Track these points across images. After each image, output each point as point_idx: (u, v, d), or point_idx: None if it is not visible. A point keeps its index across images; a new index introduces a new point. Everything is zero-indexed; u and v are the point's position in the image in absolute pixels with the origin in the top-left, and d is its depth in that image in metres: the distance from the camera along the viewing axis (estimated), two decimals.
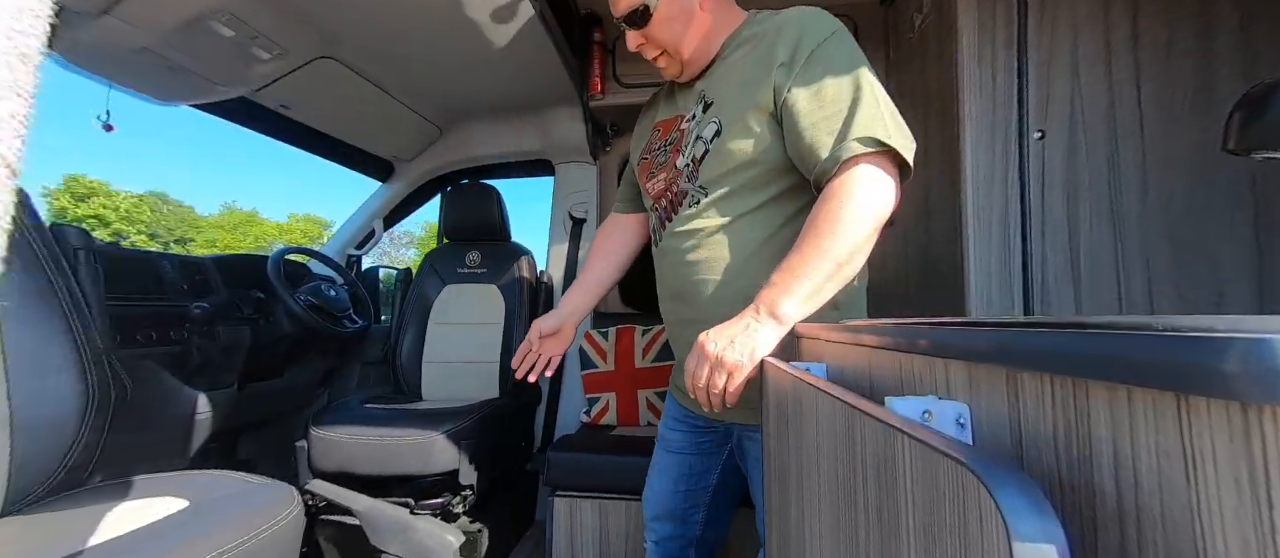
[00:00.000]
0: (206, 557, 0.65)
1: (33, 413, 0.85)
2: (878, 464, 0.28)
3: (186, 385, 1.32)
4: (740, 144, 0.72)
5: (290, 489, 0.84)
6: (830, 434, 0.36)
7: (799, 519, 0.47)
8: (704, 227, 0.76)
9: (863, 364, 0.45)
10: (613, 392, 1.79)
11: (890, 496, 0.26)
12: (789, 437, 0.49)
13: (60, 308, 0.91)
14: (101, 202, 38.44)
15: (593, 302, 1.02)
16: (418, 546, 1.28)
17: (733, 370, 0.62)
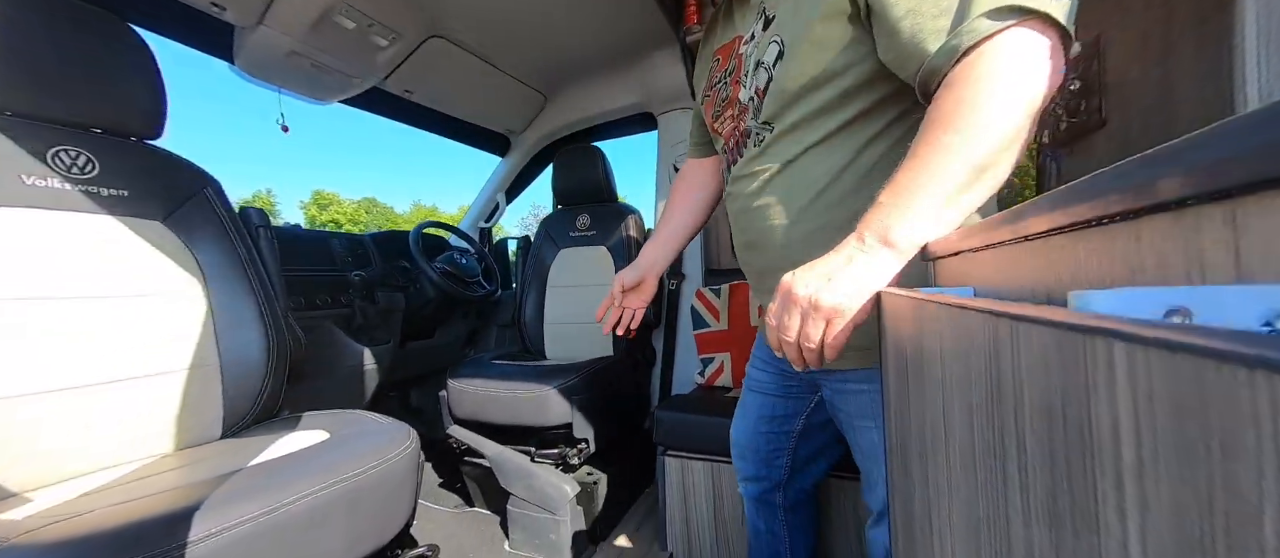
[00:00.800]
0: (337, 479, 0.72)
1: (233, 359, 1.05)
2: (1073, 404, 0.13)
3: (354, 342, 1.56)
4: (809, 64, 0.58)
5: (408, 428, 0.92)
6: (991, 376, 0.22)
7: (935, 499, 0.32)
8: (768, 168, 0.65)
9: (1039, 269, 0.27)
10: (727, 352, 1.67)
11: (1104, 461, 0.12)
12: (923, 389, 0.34)
13: (246, 275, 1.11)
14: (336, 208, 50.71)
15: (672, 254, 0.97)
16: (538, 491, 1.35)
17: (832, 315, 0.47)
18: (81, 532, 0.54)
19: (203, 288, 1.04)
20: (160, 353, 0.95)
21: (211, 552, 0.57)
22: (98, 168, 0.94)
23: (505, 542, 1.41)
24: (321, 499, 0.70)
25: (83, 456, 0.84)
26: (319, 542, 0.69)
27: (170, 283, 1.00)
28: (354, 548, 0.75)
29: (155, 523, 0.56)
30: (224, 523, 0.59)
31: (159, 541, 0.54)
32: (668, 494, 1.37)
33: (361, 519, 0.76)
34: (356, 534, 0.75)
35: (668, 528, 1.37)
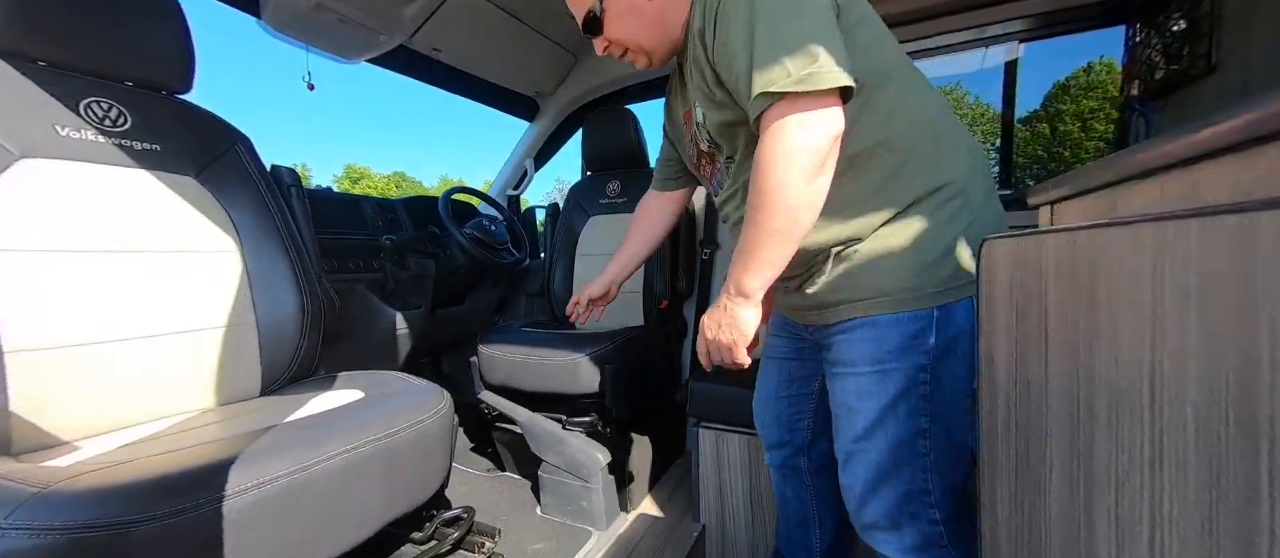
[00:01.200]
0: (372, 438, 0.70)
1: (269, 318, 1.05)
2: None
3: (387, 306, 1.55)
4: (721, 120, 0.72)
5: (442, 390, 0.90)
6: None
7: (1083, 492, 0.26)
8: (738, 186, 0.76)
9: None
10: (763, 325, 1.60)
11: None
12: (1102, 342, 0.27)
13: (279, 234, 1.10)
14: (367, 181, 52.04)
15: (631, 272, 1.16)
16: (570, 458, 1.34)
17: (728, 348, 0.73)
18: (118, 481, 0.52)
19: (237, 246, 1.03)
20: (199, 310, 0.95)
21: (244, 507, 0.56)
22: (129, 121, 0.92)
23: (536, 507, 1.41)
24: (356, 458, 0.68)
25: (128, 407, 0.85)
26: (354, 501, 0.68)
27: (206, 240, 0.99)
28: (390, 508, 0.74)
29: (190, 475, 0.55)
30: (258, 478, 0.58)
31: (192, 493, 0.53)
32: (701, 466, 1.34)
33: (397, 480, 0.74)
34: (392, 495, 0.73)
35: (701, 500, 1.34)
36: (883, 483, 0.70)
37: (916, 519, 0.69)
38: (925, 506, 0.68)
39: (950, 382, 0.66)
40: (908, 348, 0.66)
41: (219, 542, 0.53)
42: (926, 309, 0.65)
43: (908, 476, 0.68)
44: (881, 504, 0.71)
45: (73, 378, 0.78)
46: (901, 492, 0.69)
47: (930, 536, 0.69)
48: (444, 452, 0.85)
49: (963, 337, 0.65)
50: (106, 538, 0.47)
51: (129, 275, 0.87)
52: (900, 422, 0.67)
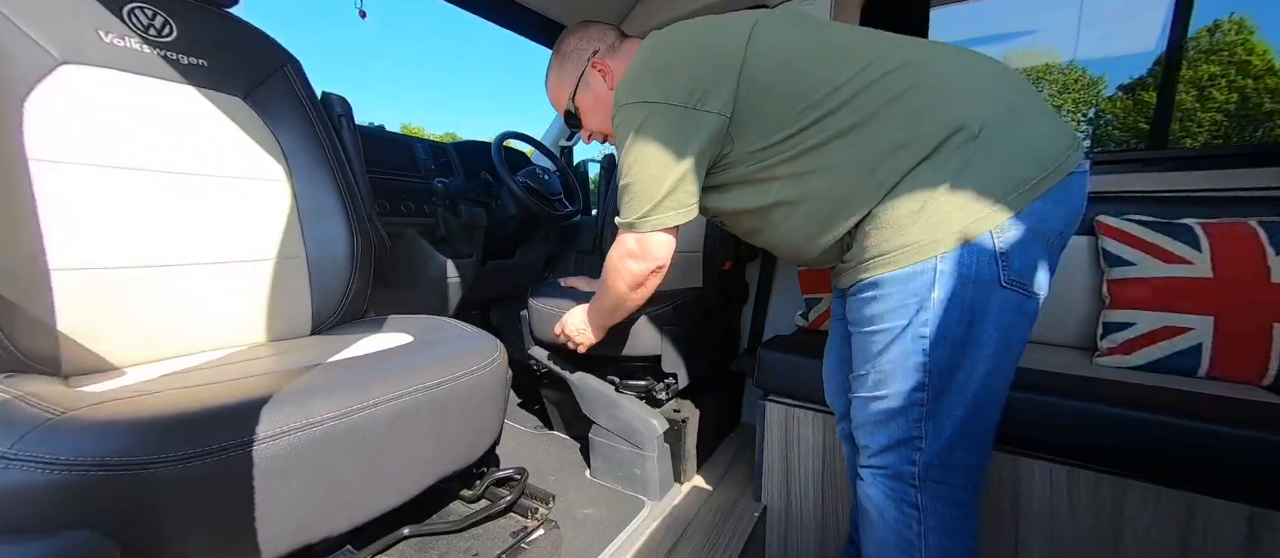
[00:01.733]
0: (422, 385, 0.62)
1: (319, 253, 0.99)
2: None
3: (437, 252, 1.49)
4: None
5: (495, 340, 0.81)
6: None
7: None
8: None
9: None
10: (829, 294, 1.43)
11: None
12: None
13: (329, 164, 1.02)
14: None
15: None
16: (624, 423, 1.25)
17: (578, 339, 1.14)
18: (142, 413, 0.46)
19: (286, 174, 0.97)
20: (247, 240, 0.90)
21: (277, 453, 0.48)
22: (175, 32, 0.86)
23: (586, 470, 1.34)
24: (405, 407, 0.60)
25: (177, 337, 0.81)
26: (400, 453, 0.60)
27: (255, 166, 0.93)
28: (440, 464, 0.66)
29: (219, 413, 0.48)
30: (294, 421, 0.50)
31: (218, 433, 0.46)
32: (766, 443, 1.21)
33: (448, 433, 0.66)
34: (442, 449, 0.66)
35: (764, 478, 1.23)
36: (878, 428, 0.73)
37: (899, 460, 0.72)
38: (912, 450, 0.71)
39: (952, 332, 0.65)
40: (907, 304, 0.67)
41: (248, 489, 0.46)
42: (926, 260, 0.65)
43: (902, 425, 0.71)
44: (873, 444, 0.75)
45: (119, 302, 0.74)
46: (894, 437, 0.72)
47: (903, 473, 0.72)
48: (497, 407, 0.76)
49: (966, 285, 0.65)
50: (118, 478, 0.40)
51: (175, 199, 0.82)
52: (900, 376, 0.69)
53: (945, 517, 0.71)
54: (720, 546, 1.11)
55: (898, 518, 0.74)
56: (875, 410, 0.73)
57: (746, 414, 1.77)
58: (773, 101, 0.71)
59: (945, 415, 0.68)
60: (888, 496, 0.74)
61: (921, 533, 0.72)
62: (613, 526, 1.13)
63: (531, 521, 0.80)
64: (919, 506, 0.72)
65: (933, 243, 0.65)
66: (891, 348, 0.69)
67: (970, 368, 0.66)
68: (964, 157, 0.65)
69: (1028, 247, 0.64)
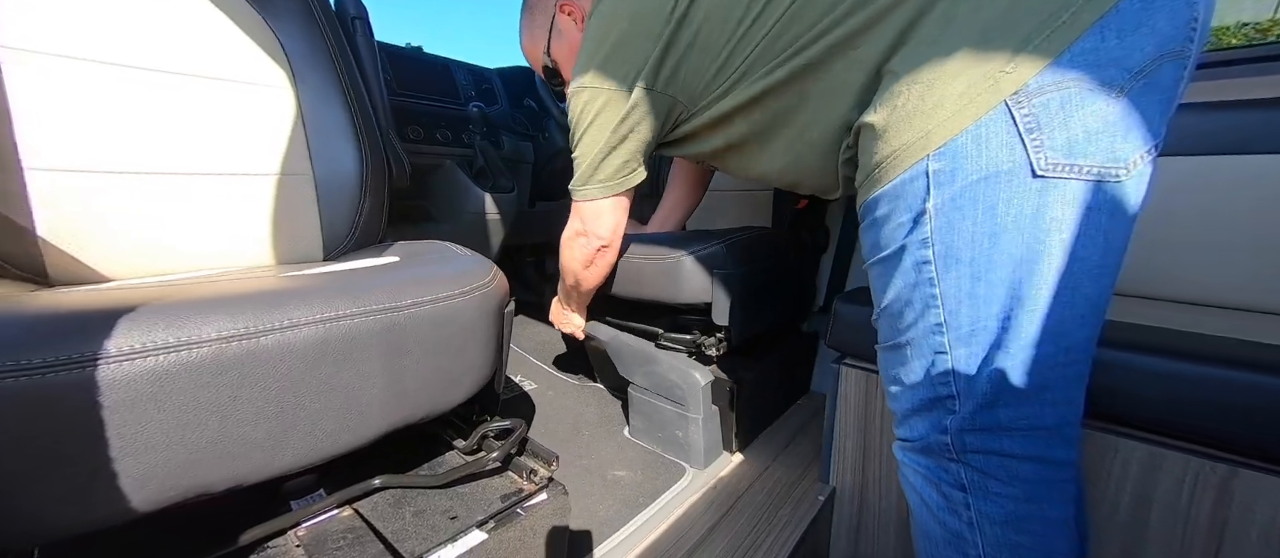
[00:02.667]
0: (360, 310, 0.48)
1: (326, 171, 0.90)
2: None
3: (475, 186, 1.39)
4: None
5: (491, 265, 0.67)
6: None
7: None
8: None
9: None
10: None
11: None
12: None
13: (337, 73, 0.92)
14: None
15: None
16: (660, 378, 1.08)
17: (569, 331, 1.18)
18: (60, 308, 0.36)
19: (289, 81, 0.88)
20: (247, 152, 0.82)
21: (141, 375, 0.36)
22: None
23: (624, 428, 1.20)
24: (339, 332, 0.47)
25: (173, 253, 0.76)
26: (337, 390, 0.47)
27: (254, 70, 0.84)
28: (397, 408, 0.53)
29: (71, 322, 0.36)
30: (168, 340, 0.38)
31: (59, 343, 0.34)
32: (838, 414, 0.98)
33: (408, 367, 0.53)
34: (400, 386, 0.53)
35: (833, 457, 1.00)
36: (901, 389, 0.58)
37: (927, 427, 0.56)
38: (941, 412, 0.54)
39: (964, 250, 0.49)
40: (901, 222, 0.53)
41: (95, 419, 0.34)
42: (916, 162, 0.51)
43: (924, 381, 0.55)
44: (898, 409, 0.60)
45: (102, 210, 0.69)
46: (918, 398, 0.56)
47: (934, 444, 0.55)
48: (485, 343, 0.62)
49: (976, 184, 0.48)
50: None
51: (163, 101, 0.75)
52: (908, 314, 0.55)
53: (1003, 500, 0.52)
54: (774, 529, 0.92)
55: (941, 504, 0.55)
56: (893, 366, 0.58)
57: (818, 384, 1.52)
58: (701, 54, 0.70)
59: (979, 363, 0.50)
60: (924, 476, 0.57)
61: (972, 522, 0.53)
62: (646, 492, 0.98)
63: (529, 484, 0.66)
64: (965, 485, 0.54)
65: (922, 139, 0.50)
66: (894, 280, 0.55)
67: (1002, 295, 0.49)
68: (947, 8, 0.51)
69: (1080, 108, 0.44)
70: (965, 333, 0.50)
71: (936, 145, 0.49)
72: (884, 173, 0.54)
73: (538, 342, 1.75)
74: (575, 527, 0.86)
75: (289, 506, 0.59)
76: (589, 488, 0.98)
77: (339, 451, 0.49)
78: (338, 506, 0.59)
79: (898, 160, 0.52)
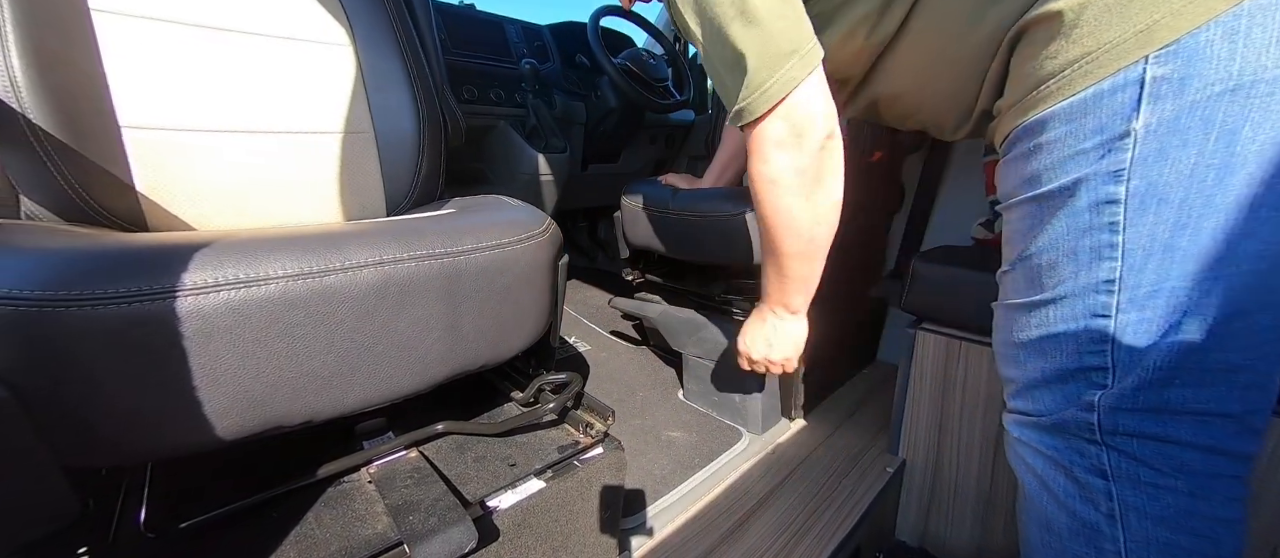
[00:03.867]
0: (419, 253, 0.48)
1: (386, 127, 0.91)
2: None
3: (528, 145, 1.38)
4: None
5: (544, 217, 0.64)
6: None
7: None
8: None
9: None
10: None
11: None
12: None
13: (393, 28, 0.92)
14: None
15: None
16: (715, 345, 1.04)
17: (784, 365, 0.75)
18: (65, 246, 0.38)
19: (350, 38, 0.89)
20: (315, 109, 0.85)
21: (214, 309, 0.37)
22: None
23: (679, 390, 1.19)
24: (398, 274, 0.47)
25: (251, 208, 0.79)
26: (397, 332, 0.47)
27: (318, 29, 0.86)
28: (455, 354, 0.53)
29: (148, 255, 0.38)
30: (241, 276, 0.39)
31: (139, 275, 0.36)
32: (912, 383, 0.91)
33: (464, 314, 0.52)
34: (456, 332, 0.52)
35: (904, 427, 0.94)
36: (1031, 353, 0.48)
37: (1063, 399, 0.46)
38: (1087, 385, 0.45)
39: (1177, 185, 0.38)
40: (1083, 149, 0.42)
41: (176, 348, 0.36)
42: (1127, 67, 0.39)
43: (1070, 346, 0.45)
44: (1022, 376, 0.50)
45: (191, 166, 0.73)
46: (1057, 366, 0.46)
47: (1070, 422, 0.46)
48: (539, 294, 0.61)
49: (1214, 100, 0.36)
50: (20, 314, 0.32)
51: (238, 60, 0.78)
52: (1068, 265, 0.44)
53: (1161, 493, 0.43)
54: (836, 499, 0.88)
55: (1070, 491, 0.47)
56: (1021, 327, 0.49)
57: (886, 353, 1.43)
58: None
59: (1156, 331, 0.41)
60: (1049, 457, 0.49)
61: (1114, 515, 0.44)
62: (701, 455, 0.96)
63: (585, 437, 0.65)
64: (1107, 471, 0.45)
65: (1140, 36, 0.38)
66: (1051, 224, 0.45)
67: (1210, 250, 0.38)
68: None
69: None
70: (1144, 294, 0.41)
71: (1161, 43, 0.37)
72: (1067, 83, 0.42)
73: (591, 306, 1.75)
74: (629, 484, 0.85)
75: (361, 446, 0.62)
76: (644, 447, 0.97)
77: (402, 393, 0.49)
78: (405, 447, 0.61)
79: (1094, 65, 0.41)
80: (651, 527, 0.78)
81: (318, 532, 0.49)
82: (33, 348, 0.33)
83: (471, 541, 0.47)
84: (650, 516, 0.80)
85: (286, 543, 0.47)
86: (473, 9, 1.43)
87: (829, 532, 0.79)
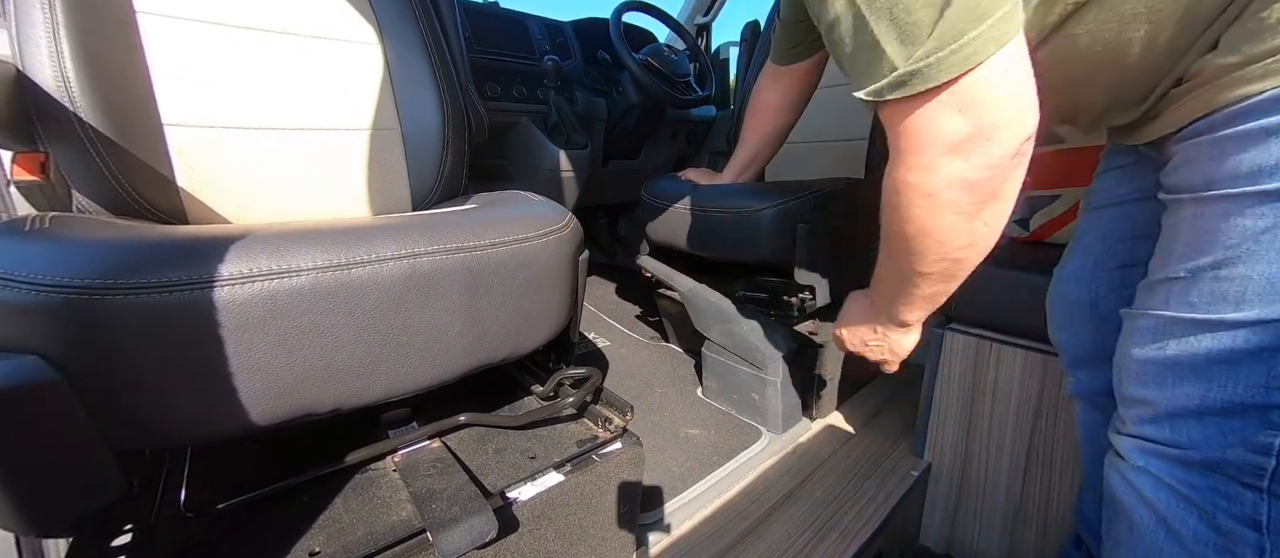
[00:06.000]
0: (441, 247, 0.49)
1: (412, 125, 0.93)
2: None
3: (550, 142, 1.39)
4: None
5: (565, 212, 0.65)
6: None
7: None
8: None
9: None
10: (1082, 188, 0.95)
11: None
12: None
13: (419, 26, 0.93)
14: None
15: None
16: (740, 339, 1.03)
17: (881, 365, 0.66)
18: (108, 237, 0.40)
19: (379, 38, 0.91)
20: (345, 106, 0.87)
21: (249, 298, 0.39)
22: None
23: (698, 387, 1.18)
24: (422, 267, 0.48)
25: (284, 204, 0.82)
26: (420, 325, 0.48)
27: (346, 27, 0.88)
28: (478, 347, 0.54)
29: (188, 246, 0.39)
30: (272, 267, 0.40)
31: (180, 265, 0.37)
32: (940, 384, 0.89)
33: (486, 308, 0.53)
34: (478, 326, 0.53)
35: (931, 429, 0.91)
36: (1194, 377, 0.40)
37: (1227, 437, 0.40)
38: (1266, 427, 0.38)
39: None
40: None
41: (213, 336, 0.37)
42: None
43: (1261, 376, 0.37)
44: (1168, 401, 0.42)
45: (227, 162, 0.76)
46: (1229, 396, 0.39)
47: (1234, 463, 0.39)
48: (560, 289, 0.61)
49: None
50: (72, 302, 0.34)
51: (272, 58, 0.80)
52: (1261, 280, 0.36)
53: None
54: (858, 502, 0.86)
55: (1205, 537, 0.41)
56: (1192, 344, 0.40)
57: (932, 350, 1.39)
58: None
59: None
60: (1183, 496, 0.42)
61: None
62: (719, 453, 0.96)
63: (604, 432, 0.65)
64: (1263, 524, 0.39)
65: None
66: (1244, 226, 0.37)
67: None
68: None
69: None
70: None
71: None
72: None
73: (610, 302, 1.76)
74: (647, 480, 0.85)
75: (387, 434, 0.64)
76: (661, 443, 0.97)
77: (425, 384, 0.50)
78: (429, 437, 0.63)
79: None
80: (669, 524, 0.78)
81: (345, 516, 0.51)
82: (82, 334, 0.35)
83: (492, 530, 0.47)
84: (668, 512, 0.80)
85: (315, 526, 0.49)
86: (496, 6, 1.44)
87: (850, 535, 0.78)
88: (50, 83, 0.61)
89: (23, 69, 0.60)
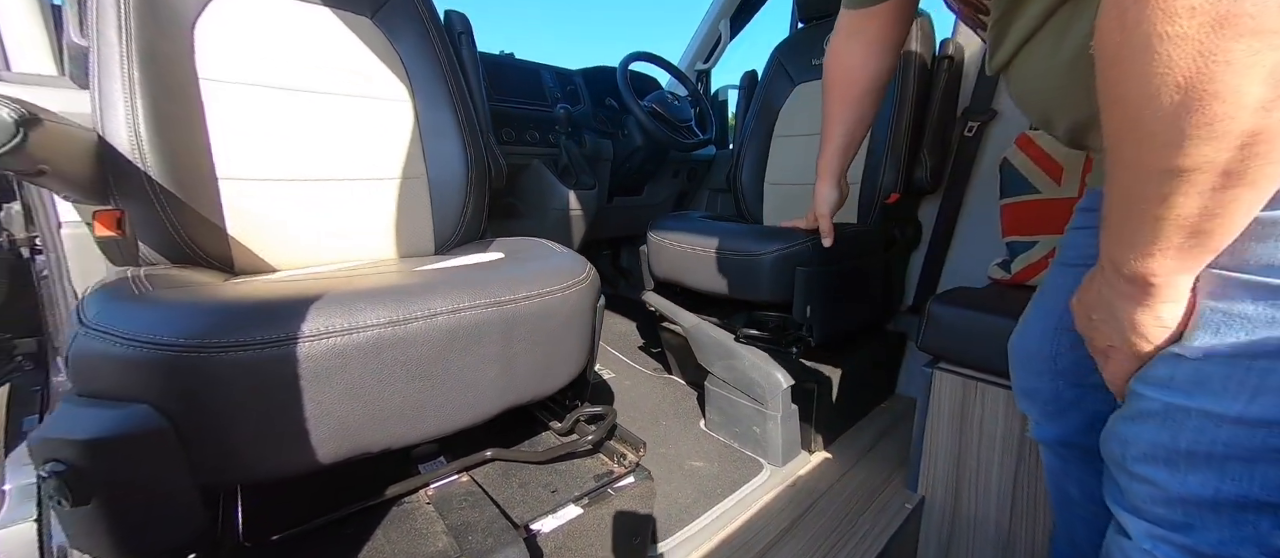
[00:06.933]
0: (483, 302, 0.55)
1: (438, 173, 1.00)
2: None
3: (560, 183, 1.46)
4: None
5: (585, 262, 0.72)
6: None
7: None
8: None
9: None
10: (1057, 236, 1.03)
11: None
12: None
13: (447, 83, 1.01)
14: None
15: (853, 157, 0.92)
16: (741, 375, 1.09)
17: (1102, 354, 0.42)
18: (201, 301, 0.46)
19: (409, 93, 0.99)
20: (378, 157, 0.94)
21: (321, 353, 0.44)
22: None
23: (701, 420, 1.23)
24: (465, 321, 0.54)
25: (320, 248, 0.88)
26: (461, 371, 0.54)
27: (381, 86, 0.96)
28: (510, 390, 0.59)
29: (268, 309, 0.45)
30: (342, 325, 0.46)
31: (264, 327, 0.43)
32: (931, 421, 0.94)
33: (518, 355, 0.59)
34: (512, 372, 0.59)
35: (923, 465, 0.96)
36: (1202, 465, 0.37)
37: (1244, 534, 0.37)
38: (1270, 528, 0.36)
39: None
40: None
41: (291, 386, 0.43)
42: None
43: (1256, 472, 0.35)
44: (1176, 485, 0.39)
45: (271, 212, 0.82)
46: (1243, 494, 0.36)
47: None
48: (580, 334, 0.67)
49: None
50: (173, 359, 0.40)
51: (314, 117, 0.88)
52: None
53: None
54: (855, 535, 0.90)
55: None
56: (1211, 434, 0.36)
57: (905, 385, 1.45)
58: None
59: None
60: None
61: None
62: (723, 485, 1.00)
63: (618, 467, 0.70)
64: None
65: None
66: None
67: None
68: None
69: None
70: None
71: None
72: None
73: (615, 332, 1.82)
74: (655, 512, 0.90)
75: (417, 469, 0.69)
76: (668, 475, 1.01)
77: (463, 424, 0.56)
78: (458, 472, 0.67)
79: None
80: (676, 556, 0.82)
81: (386, 547, 0.55)
82: (184, 385, 0.41)
83: None
84: (675, 544, 0.84)
85: (362, 556, 0.53)
86: (512, 58, 1.54)
87: None
88: (125, 145, 0.67)
89: (102, 133, 0.67)
